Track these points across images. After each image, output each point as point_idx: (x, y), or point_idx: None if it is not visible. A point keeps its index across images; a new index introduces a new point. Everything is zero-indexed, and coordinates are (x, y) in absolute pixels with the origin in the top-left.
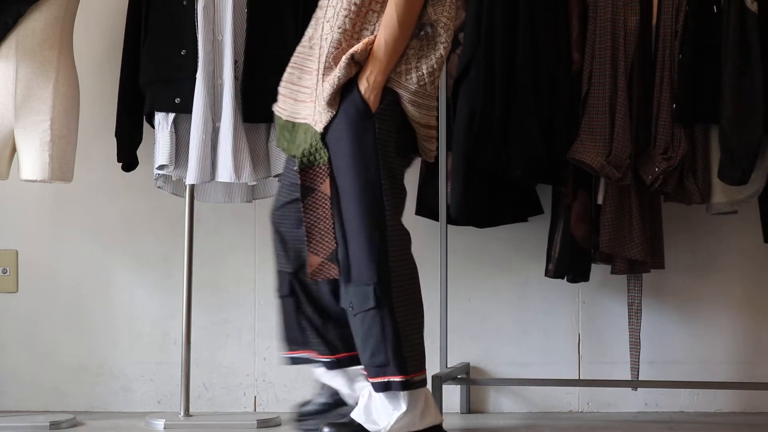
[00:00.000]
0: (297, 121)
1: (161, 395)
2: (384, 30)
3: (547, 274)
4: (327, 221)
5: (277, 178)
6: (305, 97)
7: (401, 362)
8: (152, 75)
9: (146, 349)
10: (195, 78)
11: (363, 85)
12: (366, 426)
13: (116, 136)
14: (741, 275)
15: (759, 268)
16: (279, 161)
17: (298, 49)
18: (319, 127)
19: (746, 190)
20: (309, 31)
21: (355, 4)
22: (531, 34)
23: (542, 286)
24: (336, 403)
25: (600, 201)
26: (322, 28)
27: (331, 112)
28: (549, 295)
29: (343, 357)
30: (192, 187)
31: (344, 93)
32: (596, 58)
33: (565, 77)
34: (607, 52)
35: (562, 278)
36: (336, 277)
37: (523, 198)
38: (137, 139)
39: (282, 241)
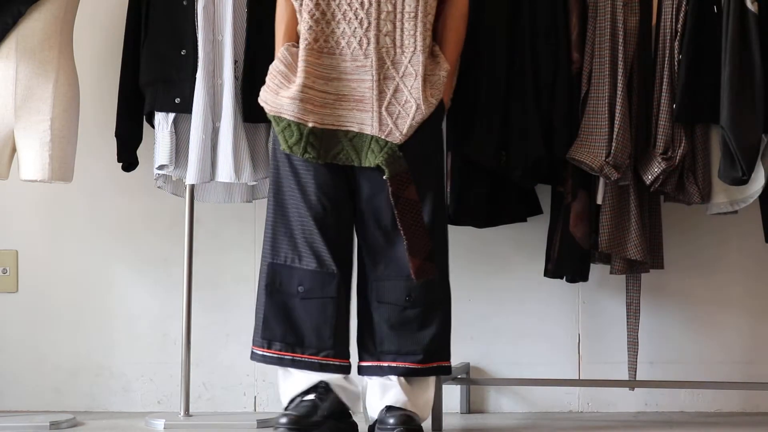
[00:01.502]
0: (347, 128)
1: (161, 395)
2: (456, 49)
3: (546, 274)
4: (420, 224)
5: None
6: (357, 106)
7: (448, 349)
8: (152, 75)
9: (146, 349)
10: (195, 78)
11: (447, 104)
12: (409, 408)
13: (116, 136)
14: (741, 275)
15: (759, 268)
16: None
17: (313, 57)
18: (399, 140)
19: (746, 190)
20: (323, 38)
21: (431, 24)
22: (531, 34)
23: (542, 286)
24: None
25: (599, 201)
26: (383, 40)
27: (408, 136)
28: (548, 295)
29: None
30: (192, 187)
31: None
32: (596, 58)
33: (565, 77)
34: (606, 53)
35: (562, 278)
36: (434, 276)
37: (522, 198)
38: (137, 139)
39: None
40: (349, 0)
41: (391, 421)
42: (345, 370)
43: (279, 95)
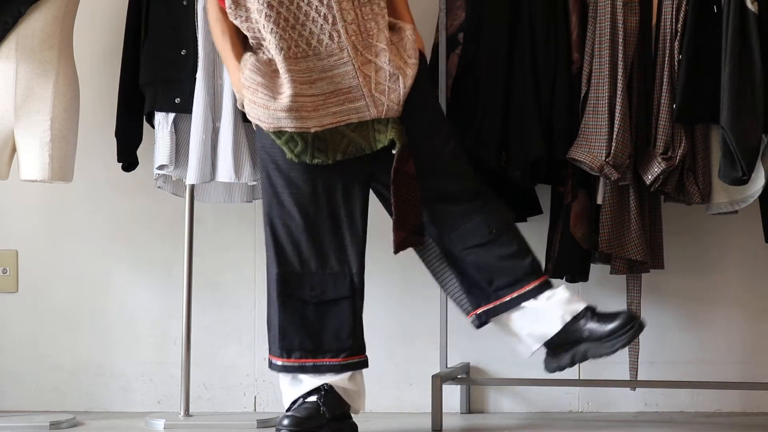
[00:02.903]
0: (347, 121)
1: (161, 395)
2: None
3: (546, 274)
4: (415, 199)
5: None
6: (348, 98)
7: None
8: (152, 75)
9: (146, 349)
10: (195, 78)
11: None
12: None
13: (116, 136)
14: (741, 275)
15: (759, 268)
16: None
17: (308, 63)
18: (397, 112)
19: (746, 190)
20: (317, 39)
21: (378, 4)
22: (531, 34)
23: None
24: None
25: (599, 201)
26: (350, 29)
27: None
28: None
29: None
30: (192, 187)
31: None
32: (596, 58)
33: (565, 77)
34: (606, 53)
35: (562, 278)
36: (421, 245)
37: (522, 198)
38: (137, 139)
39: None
40: (307, 1)
41: (616, 324)
42: (365, 364)
43: (271, 109)
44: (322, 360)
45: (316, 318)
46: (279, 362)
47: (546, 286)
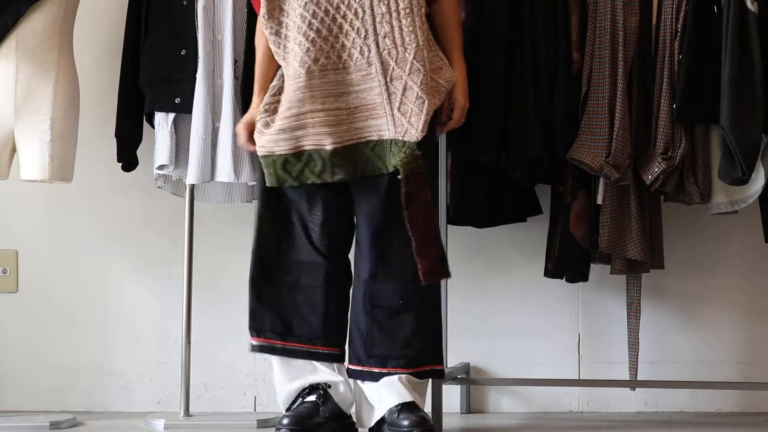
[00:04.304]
0: (367, 139)
1: (161, 395)
2: (459, 38)
3: (546, 274)
4: (432, 227)
5: None
6: (371, 114)
7: (440, 353)
8: (152, 75)
9: (146, 349)
10: (195, 78)
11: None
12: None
13: (116, 136)
14: (741, 275)
15: (759, 268)
16: None
17: (315, 79)
18: (416, 137)
19: (746, 190)
20: (324, 55)
21: (420, 18)
22: (531, 34)
23: (542, 286)
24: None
25: (599, 201)
26: (383, 44)
27: (425, 131)
28: (549, 295)
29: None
30: (192, 187)
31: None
32: (596, 58)
33: (565, 77)
34: (606, 53)
35: (562, 278)
36: (448, 278)
37: (522, 198)
38: (137, 139)
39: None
40: (342, 13)
41: (406, 423)
42: (336, 358)
43: (278, 131)
44: (291, 344)
45: (289, 303)
46: (252, 342)
47: None
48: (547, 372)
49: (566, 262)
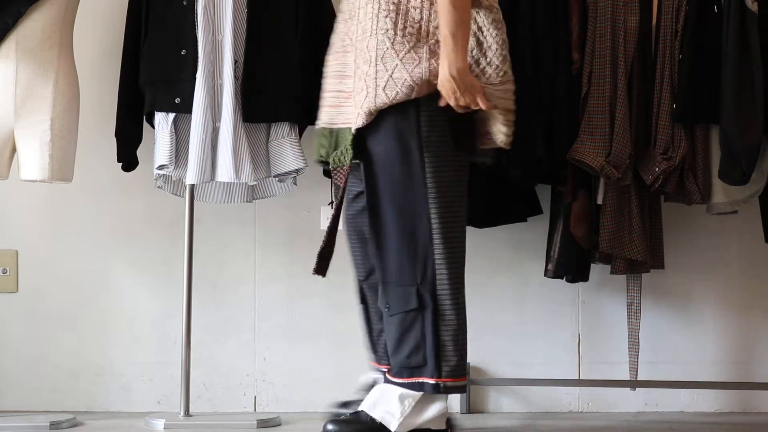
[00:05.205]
0: (337, 126)
1: (161, 395)
2: (445, 25)
3: (546, 274)
4: (333, 225)
5: (277, 178)
6: (346, 102)
7: (437, 365)
8: (152, 75)
9: (146, 349)
10: (195, 78)
11: (448, 85)
12: (374, 415)
13: (116, 136)
14: (741, 275)
15: (759, 268)
16: (279, 161)
17: (332, 57)
18: (355, 125)
19: (746, 190)
20: (338, 37)
21: (393, 3)
22: (531, 35)
23: (542, 286)
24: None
25: (600, 201)
26: (356, 31)
27: (372, 116)
28: (549, 295)
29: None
30: (192, 187)
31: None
32: (596, 58)
33: (566, 77)
34: (607, 52)
35: (562, 278)
36: (321, 275)
37: (522, 198)
38: (137, 139)
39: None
40: None
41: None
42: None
43: None
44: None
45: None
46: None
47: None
48: (547, 372)
49: (566, 262)
